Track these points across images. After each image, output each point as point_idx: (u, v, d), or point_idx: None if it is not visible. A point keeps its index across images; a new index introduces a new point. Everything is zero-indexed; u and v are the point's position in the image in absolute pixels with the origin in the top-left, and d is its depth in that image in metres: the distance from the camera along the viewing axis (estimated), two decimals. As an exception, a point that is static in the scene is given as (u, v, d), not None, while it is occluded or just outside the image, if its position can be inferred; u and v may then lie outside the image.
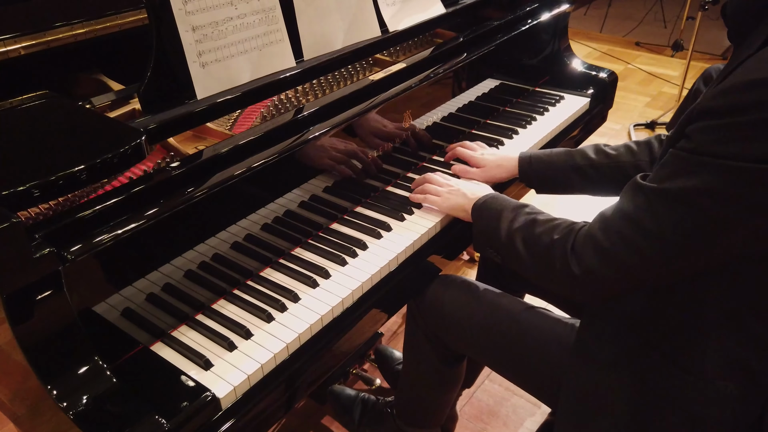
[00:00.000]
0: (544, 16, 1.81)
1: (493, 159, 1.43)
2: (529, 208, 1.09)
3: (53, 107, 1.00)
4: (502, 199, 1.17)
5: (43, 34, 1.24)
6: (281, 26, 1.25)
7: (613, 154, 1.30)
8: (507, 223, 1.08)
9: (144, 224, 0.93)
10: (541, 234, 1.00)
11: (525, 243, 1.03)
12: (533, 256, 1.01)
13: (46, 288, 0.83)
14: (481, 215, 1.16)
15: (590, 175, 1.31)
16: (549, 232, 0.99)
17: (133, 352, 0.96)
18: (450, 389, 1.47)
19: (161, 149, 1.08)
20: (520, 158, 1.39)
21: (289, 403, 1.04)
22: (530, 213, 1.07)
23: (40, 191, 0.79)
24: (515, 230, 1.05)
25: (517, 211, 1.09)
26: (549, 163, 1.36)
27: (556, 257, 0.95)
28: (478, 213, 1.18)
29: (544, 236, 0.99)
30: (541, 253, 0.99)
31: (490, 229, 1.12)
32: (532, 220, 1.04)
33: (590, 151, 1.32)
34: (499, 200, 1.16)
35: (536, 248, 1.00)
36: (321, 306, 1.09)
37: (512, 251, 1.05)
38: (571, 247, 0.93)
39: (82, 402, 0.84)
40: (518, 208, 1.10)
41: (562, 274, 0.94)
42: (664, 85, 4.26)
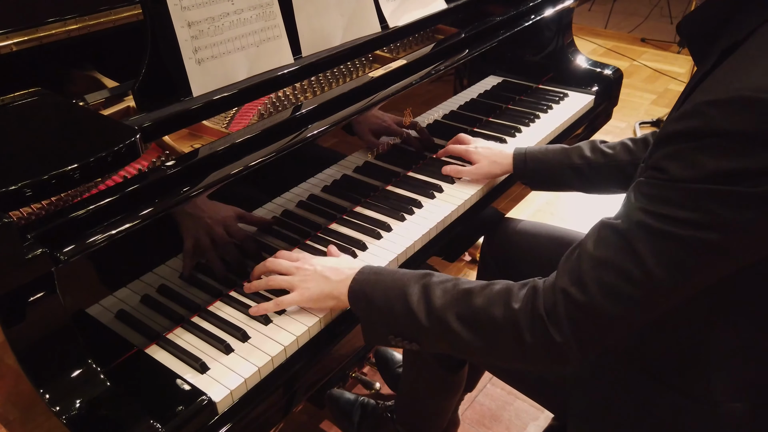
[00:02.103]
0: (548, 12, 1.81)
1: (487, 154, 1.42)
2: (435, 277, 0.92)
3: (46, 105, 1.00)
4: (389, 271, 0.98)
5: (36, 30, 1.24)
6: (279, 22, 1.25)
7: (609, 153, 1.30)
8: (422, 303, 0.90)
9: (139, 224, 0.93)
10: (487, 306, 0.85)
11: (465, 322, 0.86)
12: (485, 336, 0.86)
13: (39, 290, 0.83)
14: (371, 299, 0.95)
15: (586, 174, 1.31)
16: (499, 301, 0.85)
17: (128, 355, 0.96)
18: (451, 395, 1.47)
19: (156, 148, 1.08)
20: (515, 155, 1.39)
21: (287, 407, 1.04)
22: (445, 281, 0.91)
23: (33, 191, 0.79)
24: (441, 309, 0.88)
25: (426, 283, 0.91)
26: (544, 161, 1.36)
27: (524, 329, 0.82)
28: (362, 295, 0.97)
29: (495, 308, 0.85)
30: (498, 330, 0.85)
31: (396, 316, 0.92)
32: (460, 293, 0.88)
33: (587, 149, 1.32)
34: (387, 272, 0.97)
35: (487, 325, 0.85)
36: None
37: (447, 335, 0.88)
38: (544, 313, 0.81)
39: (76, 406, 0.84)
40: (424, 277, 0.92)
41: (537, 345, 0.82)
42: (670, 82, 4.26)
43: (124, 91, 1.18)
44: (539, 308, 0.82)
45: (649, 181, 0.77)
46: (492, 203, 1.47)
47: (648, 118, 3.71)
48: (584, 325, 0.80)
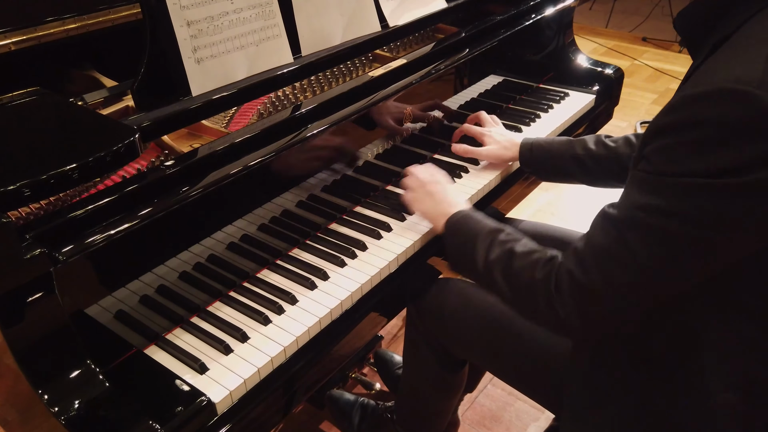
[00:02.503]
0: (549, 11, 1.81)
1: (499, 140, 1.47)
2: (503, 235, 1.04)
3: (44, 104, 1.00)
4: (475, 221, 1.11)
5: (34, 29, 1.24)
6: (278, 21, 1.25)
7: (612, 146, 1.33)
8: (483, 253, 1.03)
9: (138, 224, 0.93)
10: (521, 270, 0.96)
11: (505, 278, 0.99)
12: (515, 292, 0.98)
13: (37, 290, 0.83)
14: (454, 237, 1.12)
15: (589, 166, 1.34)
16: (530, 268, 0.95)
17: (127, 355, 0.96)
18: (451, 395, 1.47)
19: (155, 147, 1.08)
20: (522, 144, 1.44)
21: (287, 407, 1.04)
22: (506, 242, 1.02)
23: (31, 190, 0.79)
24: (492, 262, 1.01)
25: (493, 238, 1.04)
26: (549, 151, 1.40)
27: (539, 297, 0.92)
28: (450, 233, 1.14)
29: (525, 273, 0.95)
30: (523, 291, 0.96)
31: (466, 256, 1.07)
32: (509, 252, 1.00)
33: (591, 142, 1.35)
34: (472, 221, 1.11)
35: (518, 285, 0.97)
36: (319, 308, 1.09)
37: (492, 283, 1.02)
38: (555, 288, 0.89)
39: (74, 407, 0.84)
40: (494, 233, 1.05)
41: (547, 315, 0.92)
42: (671, 81, 4.26)
43: (123, 91, 1.18)
44: (551, 283, 0.90)
45: (639, 174, 0.79)
46: (492, 203, 1.47)
47: (649, 117, 3.71)
48: (584, 306, 0.87)
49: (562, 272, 0.89)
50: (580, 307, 0.87)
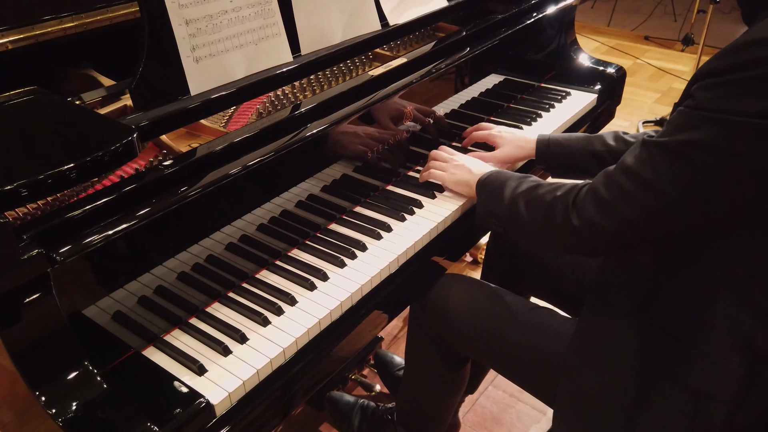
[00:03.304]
0: (550, 10, 1.81)
1: (511, 139, 1.48)
2: (532, 178, 1.15)
3: (42, 103, 1.00)
4: (506, 172, 1.23)
5: (32, 27, 1.24)
6: (278, 20, 1.25)
7: (631, 141, 1.33)
8: (510, 191, 1.14)
9: (136, 225, 0.93)
10: (543, 194, 1.06)
11: (527, 204, 1.09)
12: (535, 214, 1.07)
13: (35, 291, 0.83)
14: (485, 188, 1.22)
15: (608, 162, 1.33)
16: (552, 191, 1.05)
17: (125, 357, 0.96)
18: (453, 393, 1.47)
19: (153, 147, 1.08)
20: (538, 140, 1.44)
21: (286, 409, 1.04)
22: (534, 180, 1.14)
23: (28, 190, 0.79)
24: (518, 195, 1.11)
25: (521, 180, 1.15)
26: (567, 147, 1.40)
27: (557, 212, 1.01)
28: (482, 187, 1.23)
29: (547, 195, 1.05)
30: (542, 211, 1.05)
31: (494, 200, 1.17)
32: (535, 185, 1.11)
33: (609, 138, 1.36)
34: (503, 173, 1.22)
35: (538, 207, 1.06)
36: (319, 309, 1.09)
37: (514, 215, 1.11)
38: (572, 201, 0.99)
39: (72, 408, 0.84)
40: (522, 178, 1.16)
41: (562, 227, 1.00)
42: (674, 80, 4.26)
43: (120, 90, 1.18)
44: (570, 197, 1.00)
45: (683, 110, 0.83)
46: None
47: (651, 116, 3.71)
48: (600, 217, 0.94)
49: (585, 188, 0.98)
50: (594, 219, 0.94)
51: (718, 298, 0.89)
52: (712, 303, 0.90)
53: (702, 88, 0.81)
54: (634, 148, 0.91)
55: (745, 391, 0.91)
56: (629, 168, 0.89)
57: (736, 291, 0.88)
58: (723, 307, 0.89)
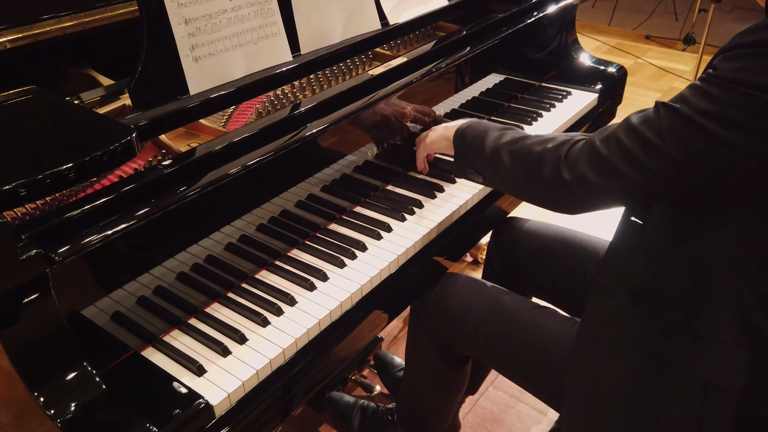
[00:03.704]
0: (551, 9, 1.81)
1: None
2: (516, 130, 1.12)
3: (40, 103, 1.00)
4: (486, 122, 1.19)
5: (30, 27, 1.24)
6: (277, 19, 1.25)
7: None
8: (493, 140, 1.10)
9: (135, 225, 0.93)
10: (531, 145, 1.02)
11: (512, 155, 1.05)
12: (520, 165, 1.03)
13: (33, 291, 0.83)
14: (464, 139, 1.19)
15: None
16: (542, 143, 1.01)
17: (124, 357, 0.96)
18: (453, 393, 1.47)
19: (152, 147, 1.08)
20: None
21: (286, 410, 1.04)
22: (518, 131, 1.11)
23: (27, 190, 0.79)
24: (502, 144, 1.08)
25: (504, 130, 1.12)
26: None
27: (545, 164, 0.98)
28: (460, 137, 1.20)
29: (536, 146, 1.01)
30: (530, 162, 1.01)
31: (473, 149, 1.14)
32: (522, 136, 1.07)
33: None
34: (483, 123, 1.19)
35: (525, 159, 1.03)
36: (319, 310, 1.09)
37: (496, 165, 1.08)
38: (564, 154, 0.96)
39: (71, 409, 0.84)
40: (505, 128, 1.13)
41: (550, 179, 0.97)
42: (675, 80, 4.26)
43: (119, 89, 1.18)
44: (563, 150, 0.96)
45: (701, 76, 0.83)
46: (495, 203, 1.47)
47: (652, 116, 3.70)
48: (592, 174, 0.92)
49: (581, 142, 0.95)
50: (587, 174, 0.92)
51: (722, 286, 0.89)
52: (717, 291, 0.89)
53: (725, 59, 0.80)
54: (646, 110, 0.89)
55: (752, 380, 0.90)
56: (633, 126, 0.87)
57: (740, 279, 0.88)
58: (728, 295, 0.89)
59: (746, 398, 0.91)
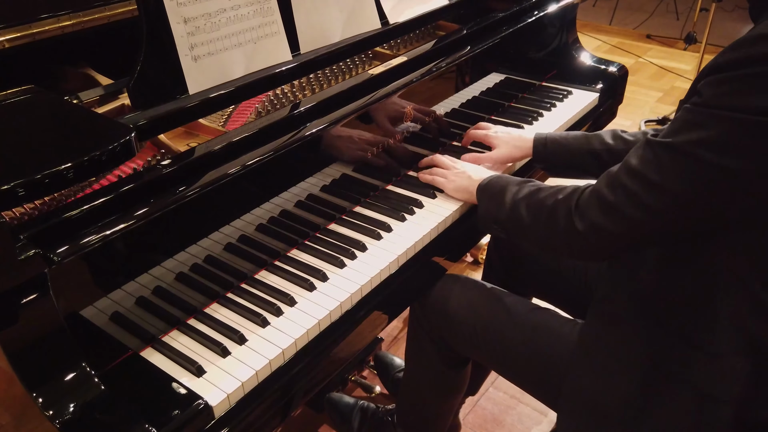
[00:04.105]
0: (551, 8, 1.81)
1: (507, 139, 1.47)
2: (533, 182, 1.15)
3: (39, 102, 1.00)
4: (506, 177, 1.23)
5: (29, 26, 1.24)
6: (277, 18, 1.25)
7: (630, 140, 1.32)
8: (511, 195, 1.14)
9: (134, 225, 0.93)
10: (545, 198, 1.06)
11: (528, 209, 1.09)
12: (536, 219, 1.07)
13: (32, 291, 0.83)
14: (485, 194, 1.22)
15: (606, 160, 1.33)
16: (553, 194, 1.05)
17: (123, 358, 0.96)
18: (453, 394, 1.47)
19: (151, 146, 1.08)
20: (536, 139, 1.43)
21: (285, 411, 1.04)
22: (535, 184, 1.13)
23: (25, 190, 0.79)
24: (520, 200, 1.11)
25: (522, 184, 1.15)
26: (565, 146, 1.39)
27: (559, 216, 1.00)
28: (482, 192, 1.23)
29: (548, 199, 1.05)
30: (544, 215, 1.04)
31: (494, 204, 1.18)
32: (536, 189, 1.11)
33: (608, 137, 1.35)
34: (503, 178, 1.22)
35: (540, 211, 1.06)
36: (318, 310, 1.09)
37: (516, 219, 1.11)
38: (575, 205, 0.98)
39: (69, 410, 0.84)
40: (523, 182, 1.16)
41: (565, 231, 0.99)
42: (676, 79, 4.26)
43: (118, 89, 1.18)
44: (573, 200, 0.99)
45: (688, 107, 0.83)
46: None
47: (653, 116, 3.71)
48: (604, 220, 0.93)
49: (588, 190, 0.98)
50: (598, 222, 0.93)
51: (722, 297, 0.89)
52: (717, 303, 0.90)
53: (709, 84, 0.80)
54: (638, 147, 0.91)
55: (751, 391, 0.90)
56: (634, 168, 0.89)
57: (741, 290, 0.88)
58: (728, 306, 0.89)
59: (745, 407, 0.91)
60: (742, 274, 0.88)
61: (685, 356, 0.93)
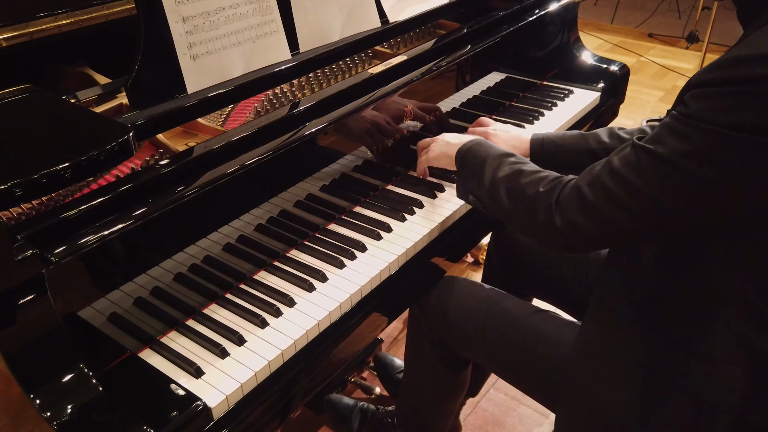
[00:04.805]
0: (552, 6, 1.81)
1: (505, 138, 1.46)
2: (514, 158, 1.14)
3: (36, 102, 1.00)
4: (487, 145, 1.21)
5: (26, 25, 1.24)
6: (276, 17, 1.25)
7: (627, 138, 1.32)
8: (491, 172, 1.12)
9: (132, 225, 0.93)
10: (526, 185, 1.05)
11: (509, 193, 1.08)
12: (517, 206, 1.06)
13: (29, 292, 0.83)
14: (465, 162, 1.21)
15: None
16: (535, 183, 1.04)
17: (121, 359, 0.96)
18: (454, 397, 1.47)
19: (150, 146, 1.08)
20: (532, 140, 1.43)
21: (285, 413, 1.04)
22: (515, 162, 1.12)
23: (23, 190, 0.79)
24: (500, 179, 1.10)
25: (502, 159, 1.13)
26: (561, 146, 1.39)
27: (539, 208, 1.01)
28: (461, 159, 1.22)
29: (530, 187, 1.04)
30: (525, 204, 1.04)
31: (474, 177, 1.17)
32: (518, 171, 1.09)
33: (604, 135, 1.35)
34: (484, 147, 1.20)
35: (520, 199, 1.05)
36: (318, 311, 1.09)
37: (495, 200, 1.11)
38: (556, 200, 0.98)
39: (67, 412, 0.84)
40: (503, 156, 1.14)
41: (544, 225, 1.00)
42: (678, 78, 4.26)
43: (116, 88, 1.18)
44: (554, 195, 0.99)
45: (674, 115, 0.84)
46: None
47: (655, 115, 3.71)
48: (582, 219, 0.94)
49: (569, 186, 0.98)
50: (577, 220, 0.94)
51: (721, 305, 0.89)
52: (715, 310, 0.90)
53: (695, 97, 0.81)
54: (622, 148, 0.92)
55: (749, 399, 0.90)
56: (616, 170, 0.89)
57: (739, 298, 0.88)
58: (726, 314, 0.89)
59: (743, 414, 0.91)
60: (739, 282, 0.88)
61: (682, 363, 0.93)
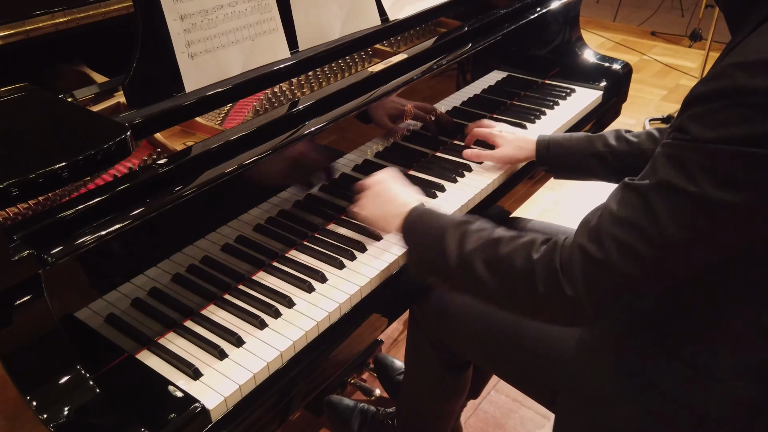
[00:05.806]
0: (554, 4, 1.81)
1: (511, 139, 1.46)
2: (475, 225, 0.99)
3: (33, 100, 1.00)
4: (437, 215, 1.06)
5: (22, 23, 1.24)
6: (275, 15, 1.25)
7: (634, 141, 1.32)
8: (456, 245, 0.96)
9: (129, 225, 0.93)
10: (511, 254, 0.91)
11: (488, 265, 0.93)
12: (503, 280, 0.92)
13: (25, 293, 0.83)
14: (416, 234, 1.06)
15: (610, 162, 1.33)
16: (522, 251, 0.90)
17: (118, 360, 0.96)
18: (454, 399, 1.47)
19: (147, 145, 1.08)
20: (538, 141, 1.42)
21: (284, 414, 1.04)
22: (480, 230, 0.97)
23: (19, 190, 0.79)
24: (470, 253, 0.94)
25: (465, 230, 0.98)
26: (567, 149, 1.39)
27: (538, 279, 0.87)
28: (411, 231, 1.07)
29: (517, 257, 0.90)
30: (514, 276, 0.90)
31: (433, 253, 1.00)
32: (489, 241, 0.94)
33: (611, 138, 1.35)
34: (435, 215, 1.06)
35: (508, 272, 0.91)
36: (317, 312, 1.09)
37: (471, 277, 0.95)
38: (560, 265, 0.85)
39: (64, 414, 0.84)
40: (463, 225, 0.99)
41: (548, 297, 0.87)
42: (681, 77, 4.26)
43: (114, 87, 1.18)
44: (555, 261, 0.86)
45: (672, 142, 0.79)
46: (497, 202, 1.47)
47: (658, 114, 3.71)
48: (597, 280, 0.83)
49: (569, 248, 0.86)
50: (592, 283, 0.83)
51: (724, 320, 0.89)
52: (719, 325, 0.89)
53: (688, 117, 0.77)
54: (617, 192, 0.85)
55: (751, 415, 0.90)
56: (623, 218, 0.81)
57: (743, 313, 0.87)
58: (729, 329, 0.88)
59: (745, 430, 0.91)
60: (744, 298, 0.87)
61: (684, 377, 0.92)
